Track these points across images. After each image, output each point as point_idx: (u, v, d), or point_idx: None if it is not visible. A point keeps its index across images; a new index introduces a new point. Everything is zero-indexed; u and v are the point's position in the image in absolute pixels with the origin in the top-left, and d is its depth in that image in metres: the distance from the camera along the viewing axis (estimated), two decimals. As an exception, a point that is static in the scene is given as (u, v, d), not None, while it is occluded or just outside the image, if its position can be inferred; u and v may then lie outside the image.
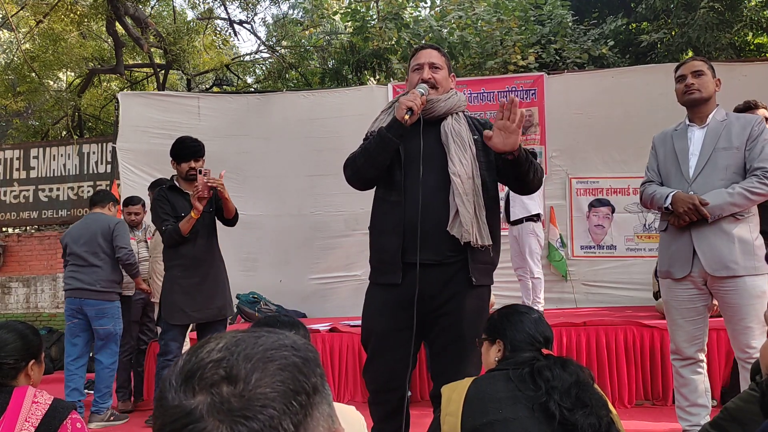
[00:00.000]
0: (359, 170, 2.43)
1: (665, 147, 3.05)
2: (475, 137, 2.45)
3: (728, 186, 2.78)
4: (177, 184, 3.81)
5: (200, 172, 3.57)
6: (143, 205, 5.29)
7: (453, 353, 2.40)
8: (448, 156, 2.37)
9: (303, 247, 7.07)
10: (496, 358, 1.83)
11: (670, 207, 2.86)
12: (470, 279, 2.37)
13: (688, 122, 3.02)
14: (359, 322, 5.26)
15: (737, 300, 2.75)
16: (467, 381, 1.71)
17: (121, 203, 5.39)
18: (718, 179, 2.82)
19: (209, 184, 3.52)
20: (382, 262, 2.44)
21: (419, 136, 2.38)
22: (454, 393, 1.69)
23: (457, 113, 2.48)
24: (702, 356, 2.98)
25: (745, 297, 2.72)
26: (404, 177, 2.38)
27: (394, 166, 2.41)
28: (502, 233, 2.56)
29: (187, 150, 3.74)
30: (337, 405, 1.47)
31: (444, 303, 2.37)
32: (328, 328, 5.09)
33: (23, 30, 11.13)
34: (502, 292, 6.28)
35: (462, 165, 2.36)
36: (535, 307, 5.22)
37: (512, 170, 2.39)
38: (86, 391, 5.69)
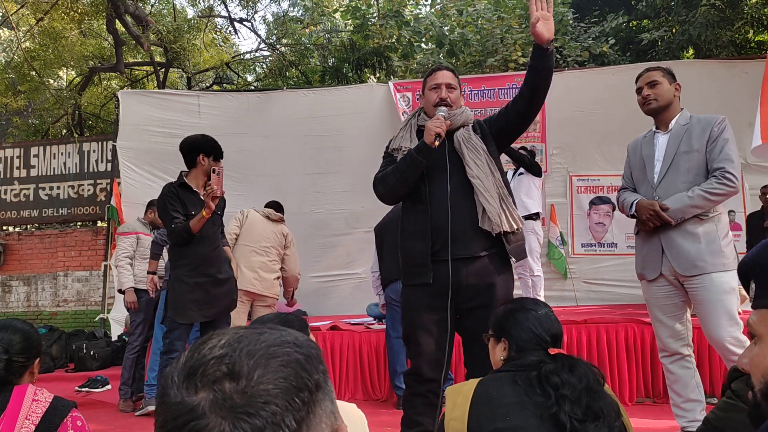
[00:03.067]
0: (392, 189, 2.72)
1: (636, 154, 3.19)
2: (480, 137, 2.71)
3: (690, 188, 2.87)
4: (186, 181, 3.79)
5: (214, 171, 3.56)
6: None
7: (476, 338, 2.56)
8: (464, 162, 2.64)
9: (304, 245, 7.06)
10: (502, 357, 1.78)
11: (635, 214, 3.00)
12: (509, 262, 2.65)
13: (654, 129, 3.14)
14: (360, 320, 5.30)
15: (707, 296, 2.82)
16: (472, 383, 1.65)
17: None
18: (681, 182, 2.91)
19: (213, 194, 3.50)
20: (414, 265, 2.67)
21: (443, 151, 2.65)
22: (459, 397, 1.63)
23: (468, 125, 2.75)
24: (688, 351, 3.03)
25: (714, 293, 2.80)
26: (428, 187, 2.65)
27: (418, 179, 2.68)
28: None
29: (218, 149, 3.78)
30: (338, 403, 1.47)
31: (479, 294, 2.57)
32: (329, 326, 5.10)
33: (23, 28, 11.12)
34: (503, 290, 6.28)
35: (478, 167, 2.62)
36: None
37: (543, 63, 2.52)
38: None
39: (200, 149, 3.74)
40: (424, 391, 2.62)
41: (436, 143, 2.54)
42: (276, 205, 5.26)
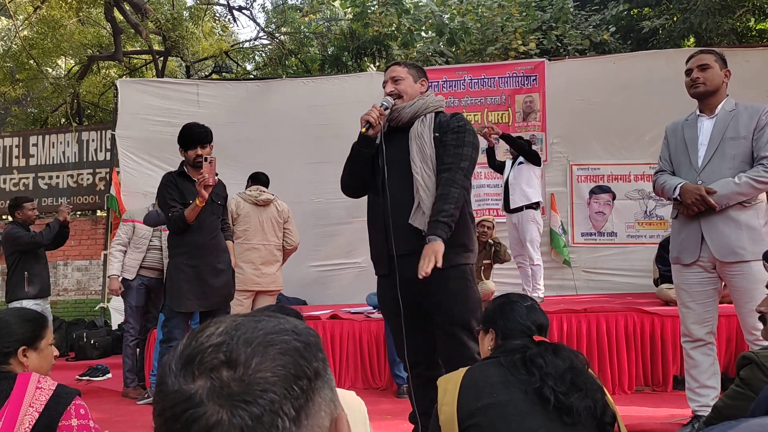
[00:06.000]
0: (345, 182, 2.82)
1: (676, 137, 3.14)
2: (436, 134, 2.64)
3: (735, 175, 2.86)
4: (186, 170, 3.79)
5: (206, 160, 3.53)
6: None
7: (444, 332, 2.60)
8: (410, 157, 2.60)
9: (303, 234, 7.03)
10: (490, 347, 1.85)
11: (678, 197, 2.95)
12: (459, 255, 2.58)
13: (698, 113, 3.09)
14: (360, 309, 5.31)
15: (744, 284, 2.83)
16: (461, 371, 1.73)
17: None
18: (726, 168, 2.89)
19: (204, 183, 3.47)
20: (373, 256, 2.77)
21: (390, 143, 2.67)
22: (449, 384, 1.71)
23: (424, 116, 2.68)
24: (712, 339, 3.05)
25: (751, 281, 2.80)
26: (382, 179, 2.65)
27: (375, 171, 2.70)
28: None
29: (193, 137, 3.70)
30: (338, 390, 1.47)
31: (426, 285, 2.48)
32: (329, 315, 5.11)
33: (21, 17, 11.06)
34: (503, 279, 6.28)
35: (422, 162, 2.59)
36: (536, 294, 5.23)
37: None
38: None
39: (179, 143, 3.78)
40: (412, 376, 2.72)
41: (363, 130, 2.59)
42: (261, 179, 5.08)
